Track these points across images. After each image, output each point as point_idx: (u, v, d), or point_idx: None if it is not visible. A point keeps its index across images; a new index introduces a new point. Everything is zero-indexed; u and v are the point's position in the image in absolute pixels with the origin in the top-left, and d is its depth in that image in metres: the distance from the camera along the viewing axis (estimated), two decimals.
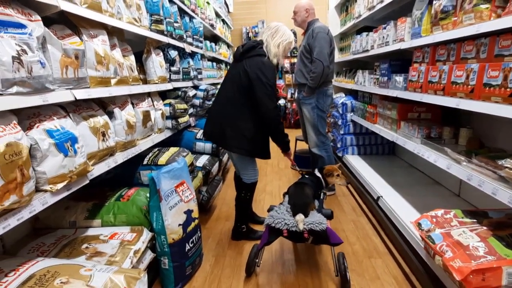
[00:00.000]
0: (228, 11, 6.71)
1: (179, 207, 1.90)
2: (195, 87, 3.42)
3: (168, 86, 2.61)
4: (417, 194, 2.51)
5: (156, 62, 2.41)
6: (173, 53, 2.79)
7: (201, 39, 3.77)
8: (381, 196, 2.50)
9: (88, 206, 1.84)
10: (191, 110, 3.25)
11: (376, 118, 2.92)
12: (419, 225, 1.67)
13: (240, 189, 2.32)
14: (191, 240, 1.94)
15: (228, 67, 2.29)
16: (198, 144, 3.03)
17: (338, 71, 4.79)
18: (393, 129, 2.52)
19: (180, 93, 2.97)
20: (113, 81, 1.77)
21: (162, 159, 2.16)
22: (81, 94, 1.44)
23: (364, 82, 3.26)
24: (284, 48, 2.14)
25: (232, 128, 2.09)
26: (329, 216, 1.86)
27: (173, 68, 2.78)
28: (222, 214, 2.89)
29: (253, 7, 6.95)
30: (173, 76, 2.79)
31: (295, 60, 6.98)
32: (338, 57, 4.74)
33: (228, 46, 6.59)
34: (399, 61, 2.54)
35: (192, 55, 3.59)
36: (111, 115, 1.79)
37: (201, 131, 3.14)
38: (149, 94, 2.36)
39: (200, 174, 2.52)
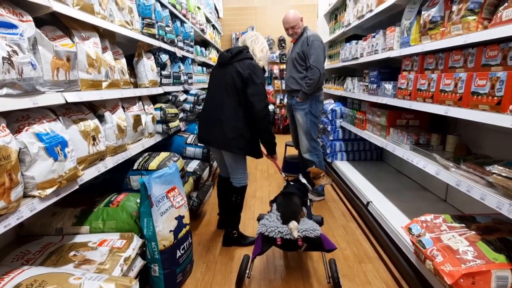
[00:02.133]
0: (218, 17, 6.73)
1: (170, 213, 1.87)
2: (186, 92, 3.40)
3: (159, 90, 2.58)
4: (405, 200, 2.56)
5: (147, 66, 2.38)
6: (164, 57, 2.77)
7: (191, 43, 3.77)
8: (371, 202, 2.53)
9: (76, 212, 1.79)
10: (181, 115, 3.22)
11: (365, 124, 2.97)
12: (409, 230, 1.70)
13: (231, 194, 2.32)
14: (182, 246, 1.91)
15: (211, 73, 2.38)
16: (188, 149, 3.00)
17: (327, 78, 4.85)
18: (382, 136, 2.56)
19: (170, 97, 2.94)
20: (104, 84, 1.74)
21: (153, 164, 2.13)
22: (72, 97, 1.41)
23: (353, 89, 3.32)
24: (266, 52, 2.27)
25: (231, 130, 2.12)
26: (320, 223, 1.89)
27: (164, 72, 2.76)
28: (212, 219, 2.86)
29: (242, 13, 6.99)
30: (164, 80, 2.77)
31: (283, 66, 7.05)
32: (327, 64, 4.81)
33: (218, 51, 6.59)
34: (388, 69, 2.60)
35: (183, 59, 3.57)
36: (101, 119, 1.76)
37: (192, 136, 3.12)
38: (140, 98, 2.33)
39: (191, 180, 2.49)
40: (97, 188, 2.10)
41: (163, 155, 2.30)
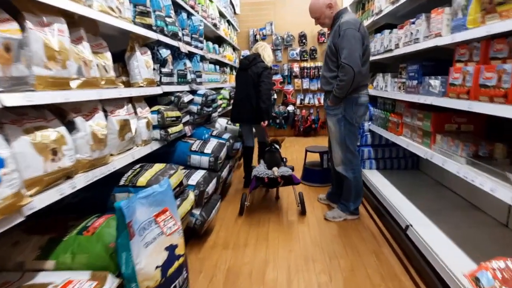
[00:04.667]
0: (235, 13, 6.36)
1: (159, 242, 1.50)
2: (193, 92, 3.04)
3: (157, 90, 2.23)
4: (454, 223, 2.06)
5: (141, 62, 2.03)
6: (165, 53, 2.42)
7: (201, 38, 3.41)
8: (411, 225, 2.05)
9: (42, 241, 1.45)
10: (186, 118, 2.86)
11: (401, 128, 2.48)
12: (476, 280, 1.23)
13: (263, 146, 3.37)
14: (174, 285, 1.53)
15: (235, 74, 3.77)
16: (193, 157, 2.64)
17: None
18: (426, 144, 2.08)
19: (173, 98, 2.59)
20: (74, 83, 1.39)
21: (143, 179, 1.77)
22: (15, 99, 1.06)
23: (386, 87, 2.83)
24: (271, 56, 3.45)
25: (257, 111, 3.24)
26: (292, 169, 2.96)
27: (164, 70, 2.41)
28: (219, 240, 2.48)
29: (260, 8, 6.59)
30: (165, 79, 2.41)
31: (304, 64, 6.58)
32: None
33: (234, 49, 6.23)
34: (432, 62, 2.11)
35: (190, 56, 3.22)
36: (72, 126, 1.41)
37: (198, 142, 2.75)
38: (130, 100, 1.98)
39: (191, 195, 2.12)
40: (77, 207, 1.77)
41: (157, 167, 1.94)
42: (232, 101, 3.54)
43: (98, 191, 1.77)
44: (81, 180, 1.39)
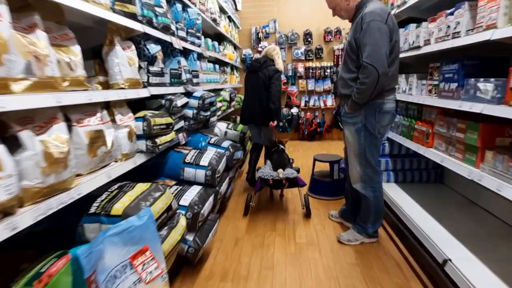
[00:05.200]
0: (236, 9, 6.00)
1: None
2: (188, 94, 2.68)
3: (142, 92, 1.86)
4: (504, 257, 1.69)
5: (122, 59, 1.67)
6: (154, 48, 2.05)
7: (198, 34, 3.04)
8: (450, 260, 1.68)
9: None
10: (180, 124, 2.50)
11: (432, 139, 2.10)
12: None
13: (268, 150, 3.37)
14: None
15: (245, 76, 3.57)
16: (187, 170, 2.27)
17: None
18: (469, 161, 1.70)
19: (164, 102, 2.22)
20: (17, 85, 1.03)
21: (119, 206, 1.40)
22: None
23: (410, 89, 2.46)
24: (281, 58, 3.47)
25: (267, 111, 3.21)
26: (298, 171, 2.80)
27: (153, 69, 2.04)
28: (216, 267, 2.11)
29: (263, 5, 6.22)
30: (153, 79, 2.04)
31: (310, 64, 6.21)
32: None
33: (235, 47, 5.87)
34: (476, 60, 1.74)
35: (186, 53, 2.85)
36: (14, 143, 1.04)
37: (193, 152, 2.39)
38: (107, 105, 1.61)
39: (182, 221, 1.74)
40: (41, 238, 1.41)
41: (140, 188, 1.57)
42: (241, 103, 3.58)
43: (59, 221, 1.40)
44: (27, 217, 1.02)
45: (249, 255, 2.26)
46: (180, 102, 2.32)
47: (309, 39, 6.18)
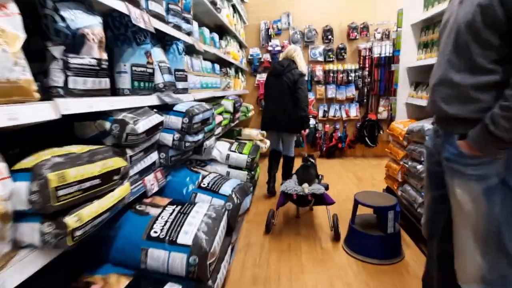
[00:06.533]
0: (242, 0, 4.98)
1: None
2: (167, 108, 1.64)
3: (37, 112, 0.81)
4: None
5: None
6: (79, 19, 1.01)
7: (187, 15, 2.01)
8: None
9: None
10: (150, 160, 1.45)
11: None
12: None
13: (288, 164, 3.36)
14: None
15: (265, 80, 3.34)
16: (153, 253, 1.20)
17: (419, 81, 2.95)
18: None
19: (110, 126, 1.17)
20: None
21: None
22: None
23: None
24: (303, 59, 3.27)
25: (292, 119, 3.10)
26: (326, 188, 2.59)
27: (76, 61, 0.99)
28: None
29: None
30: (77, 82, 1.00)
31: (330, 66, 5.17)
32: (420, 58, 2.90)
33: (241, 45, 4.84)
34: None
35: (166, 43, 1.81)
36: None
37: (169, 210, 1.33)
38: None
39: None
40: None
41: None
42: (263, 109, 3.51)
43: None
44: None
45: None
46: (143, 124, 1.27)
47: (330, 37, 5.13)
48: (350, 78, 5.13)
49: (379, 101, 5.18)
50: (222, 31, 3.69)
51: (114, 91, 1.40)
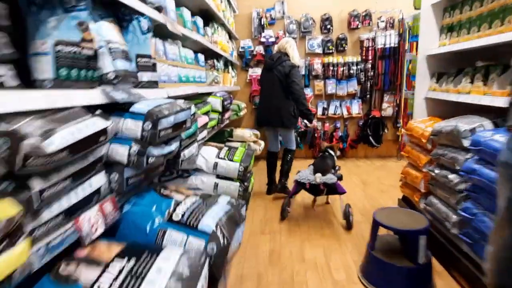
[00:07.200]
0: None
1: None
2: (121, 108, 1.14)
3: None
4: None
5: None
6: None
7: None
8: None
9: None
10: (94, 186, 0.95)
11: None
12: None
13: (287, 155, 3.24)
14: None
15: (260, 74, 3.32)
16: None
17: (442, 72, 2.48)
18: None
19: None
20: None
21: None
22: None
23: None
24: (297, 52, 3.16)
25: (286, 113, 3.04)
26: (340, 178, 2.61)
27: None
28: None
29: None
30: None
31: (329, 59, 4.70)
32: (443, 44, 2.43)
33: (230, 36, 4.33)
34: None
35: (121, 17, 1.31)
36: None
37: (112, 272, 0.82)
38: None
39: None
40: None
41: None
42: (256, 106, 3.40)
43: None
44: None
45: None
46: (63, 137, 0.77)
47: (329, 27, 4.65)
48: (351, 71, 4.67)
49: (383, 97, 4.73)
50: (208, 17, 3.17)
51: (29, 83, 0.91)
